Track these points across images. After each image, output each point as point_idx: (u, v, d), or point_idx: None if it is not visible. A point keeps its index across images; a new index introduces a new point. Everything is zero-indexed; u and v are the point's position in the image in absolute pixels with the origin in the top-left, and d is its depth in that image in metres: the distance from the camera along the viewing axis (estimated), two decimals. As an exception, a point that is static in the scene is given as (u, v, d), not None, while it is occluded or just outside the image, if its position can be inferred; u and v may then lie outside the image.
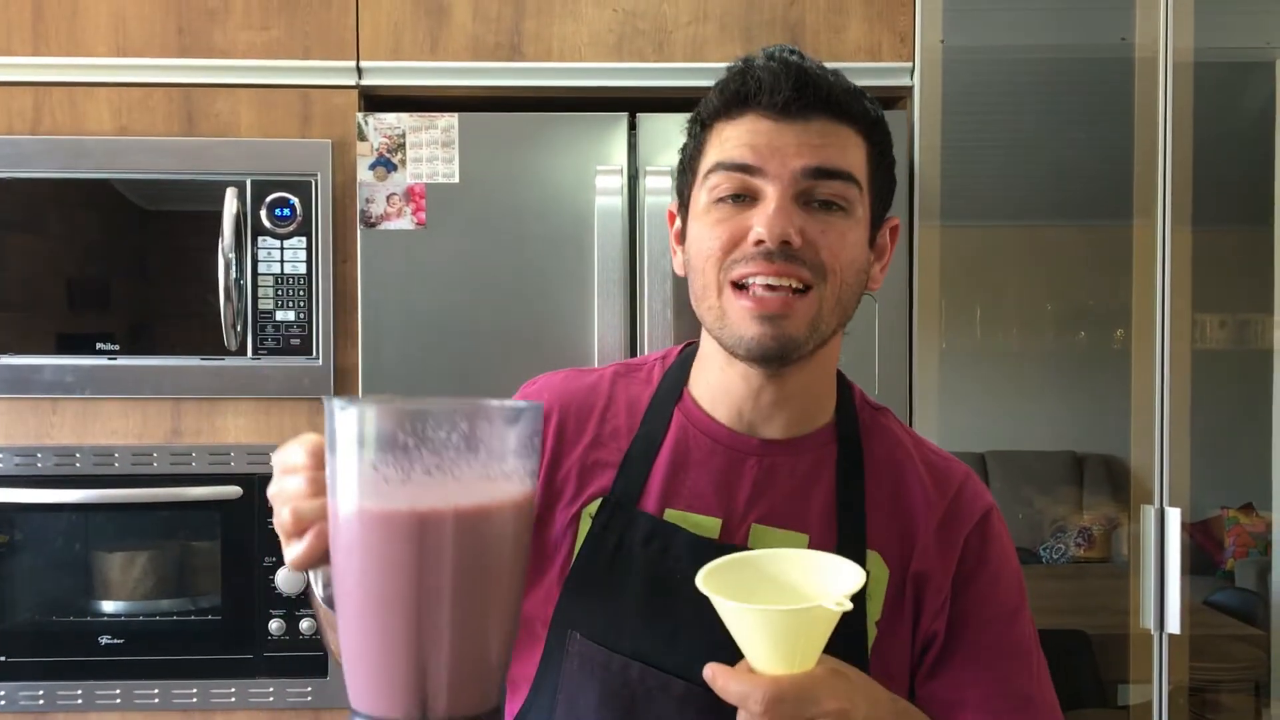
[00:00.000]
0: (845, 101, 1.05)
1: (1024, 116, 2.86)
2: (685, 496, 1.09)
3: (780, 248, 1.00)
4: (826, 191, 1.02)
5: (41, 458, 2.08)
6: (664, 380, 1.17)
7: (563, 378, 1.19)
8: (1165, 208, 2.14)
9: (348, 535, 0.83)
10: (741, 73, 1.05)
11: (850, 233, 1.04)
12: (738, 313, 1.03)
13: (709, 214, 1.05)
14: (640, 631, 1.05)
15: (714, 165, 1.05)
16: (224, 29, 2.10)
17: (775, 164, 1.02)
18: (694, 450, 1.11)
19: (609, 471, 1.11)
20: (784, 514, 1.08)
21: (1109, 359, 3.45)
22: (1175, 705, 2.17)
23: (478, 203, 2.06)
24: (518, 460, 0.84)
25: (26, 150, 2.06)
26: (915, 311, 2.08)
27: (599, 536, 1.08)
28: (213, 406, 2.10)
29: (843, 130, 1.05)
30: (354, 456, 0.81)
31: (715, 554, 1.03)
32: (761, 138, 1.03)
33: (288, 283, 2.07)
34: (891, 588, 1.07)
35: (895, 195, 1.06)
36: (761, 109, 1.03)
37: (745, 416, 1.11)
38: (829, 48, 2.11)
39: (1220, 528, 4.25)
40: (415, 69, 2.11)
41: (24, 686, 2.07)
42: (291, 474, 0.91)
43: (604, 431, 1.14)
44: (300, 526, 0.90)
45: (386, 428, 0.80)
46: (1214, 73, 2.27)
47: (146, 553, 2.13)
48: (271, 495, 0.93)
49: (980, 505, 1.13)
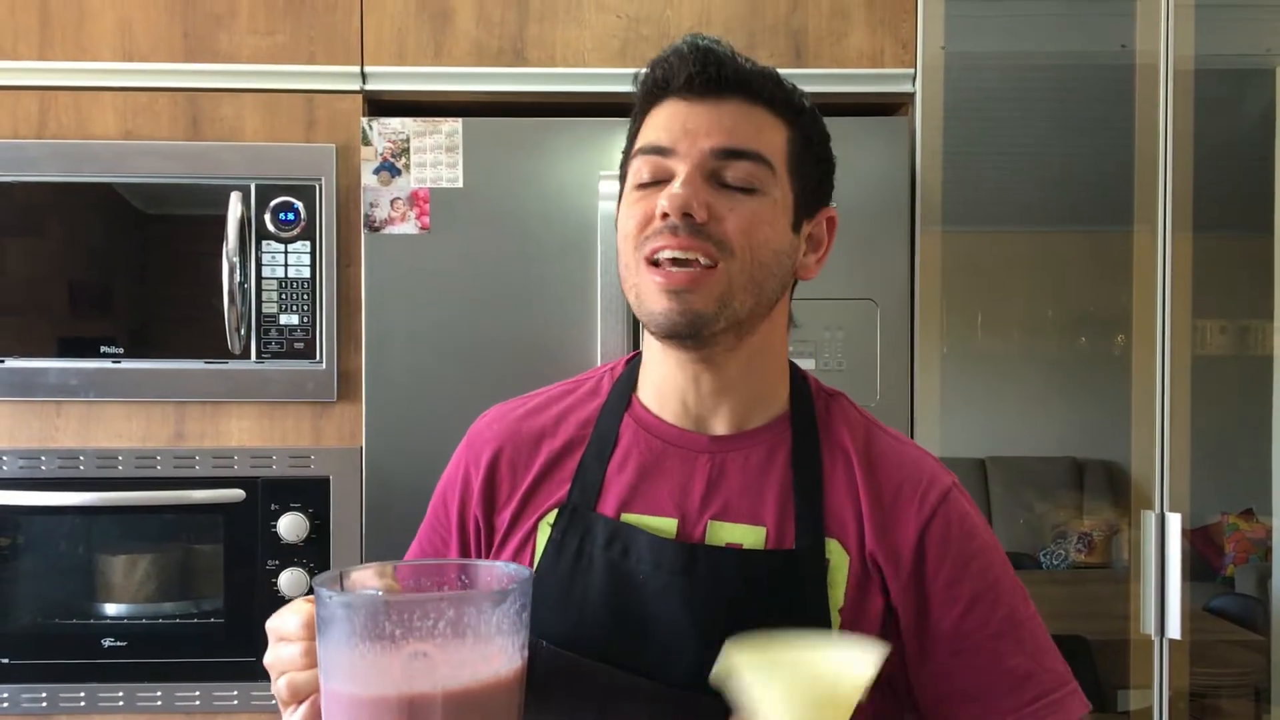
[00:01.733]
0: (759, 84, 1.07)
1: (1025, 123, 2.87)
2: (641, 501, 1.10)
3: (684, 221, 1.02)
4: (737, 172, 1.04)
5: (45, 460, 2.09)
6: (613, 389, 1.18)
7: (510, 408, 1.21)
8: (1166, 214, 2.15)
9: (339, 716, 0.85)
10: (656, 63, 1.09)
11: (764, 212, 1.05)
12: (649, 288, 1.04)
13: (628, 197, 1.08)
14: (606, 634, 1.05)
15: (635, 151, 1.09)
16: (229, 33, 2.11)
17: (685, 144, 1.04)
18: (646, 454, 1.12)
19: (565, 484, 1.13)
20: (739, 509, 1.09)
21: (1109, 364, 3.46)
22: (1176, 710, 2.17)
23: (481, 207, 2.06)
24: (505, 639, 0.87)
25: (32, 154, 2.07)
26: (917, 316, 2.09)
27: (559, 543, 1.09)
28: (216, 410, 2.10)
29: (757, 112, 1.07)
30: (343, 643, 0.84)
31: (676, 553, 1.06)
32: (676, 120, 1.05)
33: (292, 287, 2.08)
34: (853, 574, 1.07)
35: (897, 199, 1.07)
36: (674, 92, 1.06)
37: (691, 410, 1.12)
38: (831, 54, 2.11)
39: (1220, 533, 4.26)
40: (419, 74, 2.12)
41: (27, 689, 2.07)
42: (286, 643, 0.94)
43: (554, 449, 1.15)
44: (296, 698, 0.94)
45: (374, 618, 0.83)
46: (1214, 79, 2.28)
47: (149, 555, 2.13)
48: (268, 664, 0.96)
49: (938, 487, 1.11)
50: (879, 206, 2.06)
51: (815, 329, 2.03)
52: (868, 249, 2.06)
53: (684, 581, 1.04)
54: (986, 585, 1.09)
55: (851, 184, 2.05)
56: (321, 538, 2.07)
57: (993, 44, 2.50)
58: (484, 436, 1.18)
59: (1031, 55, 2.62)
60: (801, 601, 1.05)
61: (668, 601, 1.04)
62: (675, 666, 1.03)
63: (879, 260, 2.07)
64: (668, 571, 1.05)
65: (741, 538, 1.07)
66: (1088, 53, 2.59)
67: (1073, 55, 2.62)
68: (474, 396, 1.26)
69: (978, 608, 1.07)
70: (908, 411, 2.07)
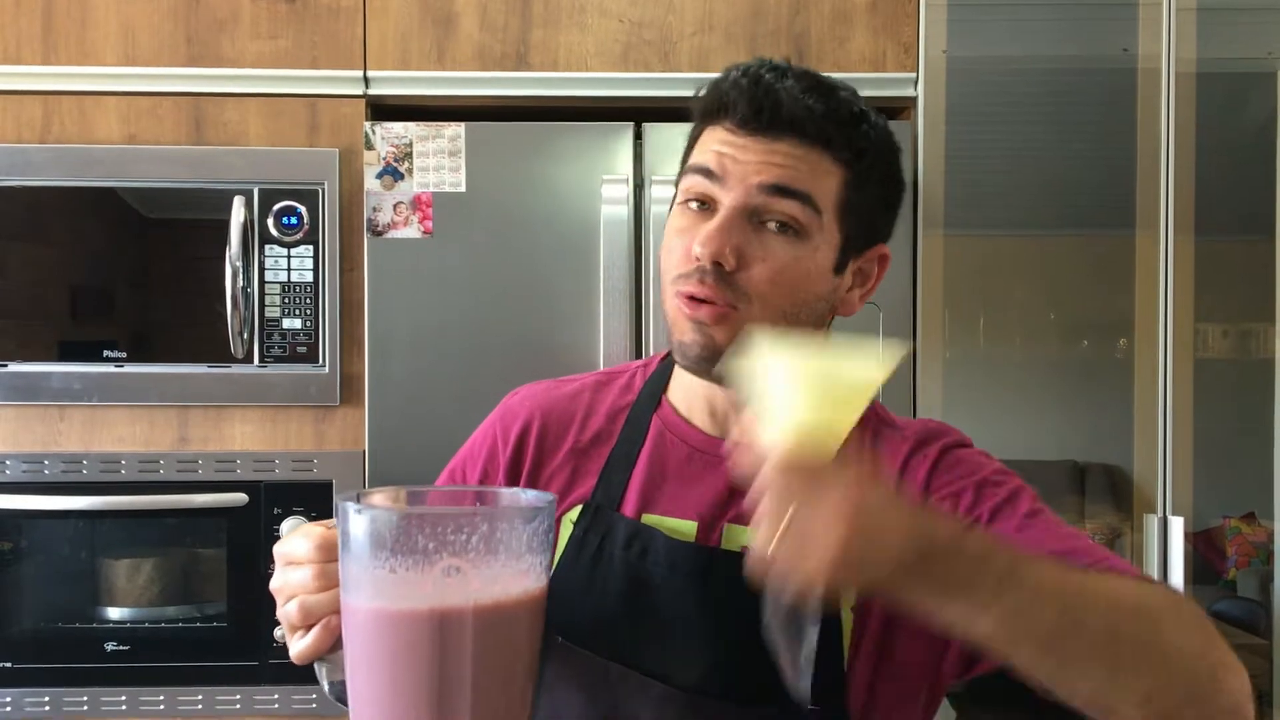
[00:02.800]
0: (814, 125, 1.04)
1: (1027, 127, 2.87)
2: (662, 502, 1.11)
3: (713, 268, 1.01)
4: (780, 210, 1.02)
5: (49, 464, 2.09)
6: (644, 388, 1.19)
7: (544, 387, 1.22)
8: (1168, 218, 2.15)
9: (364, 631, 0.84)
10: (715, 85, 1.07)
11: (797, 260, 1.03)
12: (678, 316, 1.05)
13: (676, 218, 1.08)
14: (620, 633, 1.06)
15: (689, 167, 1.08)
16: (232, 39, 2.11)
17: (734, 177, 1.03)
18: (671, 456, 1.13)
19: (589, 479, 1.13)
20: None
21: (1112, 368, 3.45)
22: (1178, 714, 2.16)
23: (484, 212, 2.06)
24: (534, 556, 0.86)
25: (35, 159, 2.07)
26: (919, 321, 2.09)
27: (580, 540, 1.10)
28: (220, 414, 2.10)
29: (812, 154, 1.04)
30: (370, 558, 0.82)
31: (692, 556, 1.06)
32: (729, 149, 1.04)
33: (294, 291, 2.08)
34: None
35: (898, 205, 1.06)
36: (731, 122, 1.05)
37: (719, 417, 1.12)
38: (833, 58, 2.12)
39: (1222, 537, 4.25)
40: (422, 79, 2.12)
41: (30, 693, 2.07)
42: (296, 567, 0.92)
43: (584, 439, 1.16)
44: (308, 621, 0.91)
45: (407, 532, 0.82)
46: (1216, 83, 2.28)
47: (153, 560, 2.13)
48: (275, 589, 0.94)
49: (938, 442, 1.13)
50: (881, 210, 2.06)
51: (818, 333, 2.03)
52: (870, 253, 2.06)
53: (699, 585, 1.04)
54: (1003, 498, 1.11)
55: (854, 188, 2.06)
56: (324, 542, 2.07)
57: (994, 48, 2.50)
58: (515, 412, 1.19)
59: (1033, 59, 2.62)
60: None
61: (682, 604, 1.04)
62: (687, 669, 1.03)
63: (881, 264, 2.07)
64: (683, 574, 1.05)
65: None
66: (1090, 57, 2.59)
67: (1074, 59, 2.62)
68: (477, 401, 1.26)
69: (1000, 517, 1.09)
70: (910, 415, 2.07)
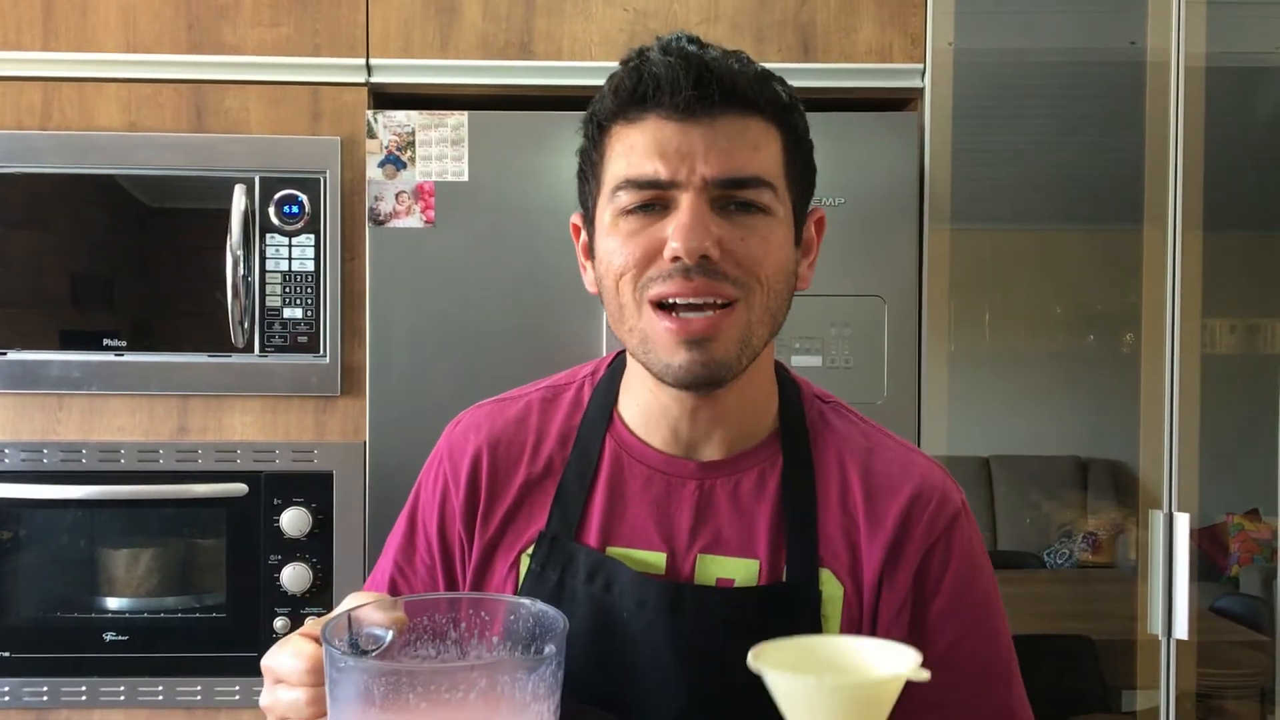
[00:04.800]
0: (752, 91, 0.96)
1: (1034, 120, 2.86)
2: (626, 533, 1.03)
3: (699, 263, 0.93)
4: (741, 198, 0.95)
5: (48, 453, 2.08)
6: (592, 401, 1.10)
7: (487, 411, 1.13)
8: (1176, 212, 2.14)
9: None
10: (637, 69, 0.97)
11: (774, 235, 0.97)
12: (662, 337, 0.96)
13: (618, 227, 0.97)
14: (589, 672, 0.99)
15: (622, 181, 0.96)
16: (234, 25, 2.10)
17: (685, 170, 0.94)
18: (629, 480, 1.05)
19: (544, 511, 1.06)
20: (730, 540, 1.02)
21: (1117, 363, 3.44)
22: (1182, 711, 2.16)
23: (487, 201, 2.05)
24: (541, 704, 0.77)
25: (35, 145, 2.06)
26: (925, 314, 2.07)
27: (539, 575, 1.02)
28: (220, 404, 2.09)
29: (752, 124, 0.96)
30: (358, 712, 0.75)
31: (662, 590, 0.99)
32: (668, 143, 0.94)
33: (295, 280, 2.06)
34: (847, 604, 1.01)
35: (905, 196, 1.04)
36: (663, 110, 0.95)
37: (682, 438, 1.05)
38: (839, 48, 2.10)
39: (1225, 534, 4.25)
40: (425, 67, 2.10)
41: (28, 683, 2.06)
42: (287, 688, 0.85)
43: (536, 468, 1.08)
44: None
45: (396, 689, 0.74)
46: (1225, 77, 2.26)
47: (151, 550, 2.12)
48: (265, 706, 0.88)
49: (949, 509, 1.04)
50: (887, 203, 2.05)
51: (822, 326, 2.02)
52: (876, 246, 2.05)
53: (668, 621, 0.98)
54: (988, 626, 1.04)
55: (860, 180, 2.05)
56: (324, 533, 2.07)
57: (1001, 41, 2.49)
58: (460, 447, 1.11)
59: (1040, 52, 2.61)
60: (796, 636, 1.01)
61: (651, 641, 0.98)
62: (658, 709, 0.98)
63: (887, 257, 2.05)
64: (652, 610, 0.98)
65: (733, 572, 1.01)
66: (1097, 49, 2.58)
67: (1082, 52, 2.61)
68: (478, 391, 1.24)
69: (974, 638, 1.03)
70: (915, 409, 2.06)
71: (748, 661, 0.76)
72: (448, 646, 0.89)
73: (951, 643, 1.02)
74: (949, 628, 1.02)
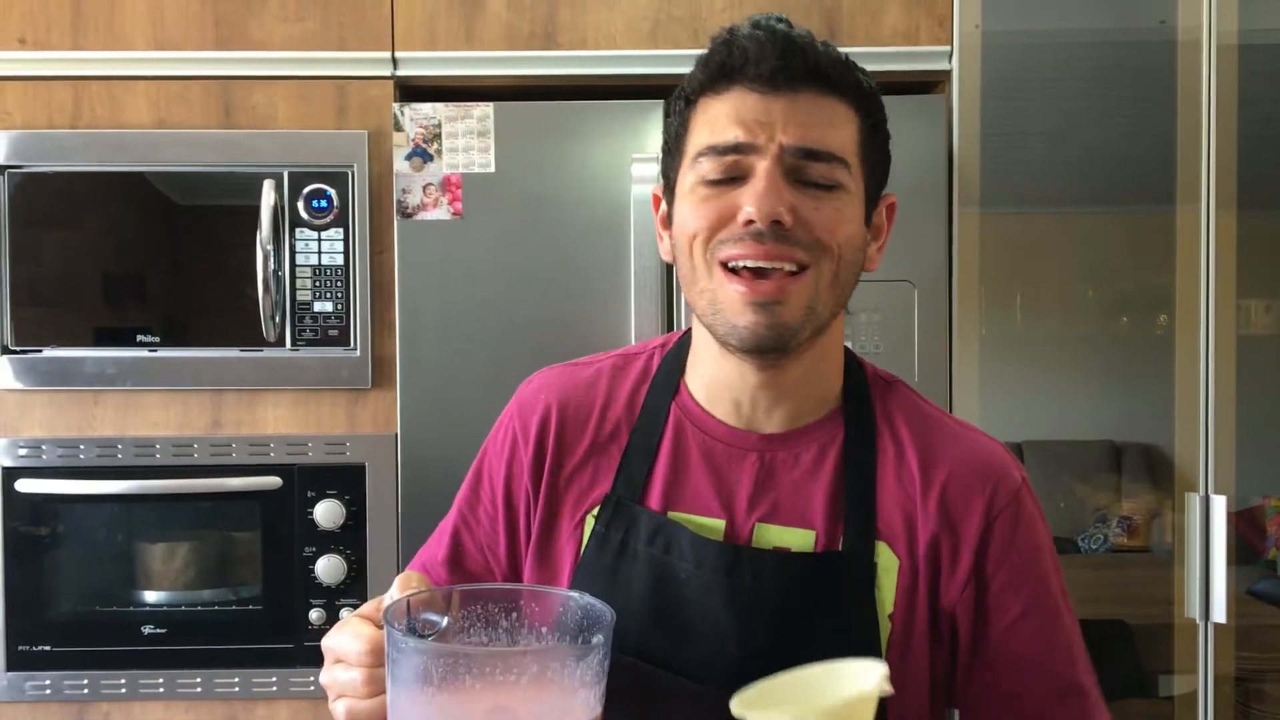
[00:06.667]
0: (835, 72, 1.00)
1: (1064, 101, 2.83)
2: (687, 499, 1.07)
3: (771, 228, 0.96)
4: (816, 173, 0.98)
5: (84, 449, 2.10)
6: (660, 370, 1.14)
7: (559, 372, 1.17)
8: (1209, 192, 2.11)
9: None
10: (726, 43, 1.01)
11: (846, 209, 1.00)
12: (730, 298, 0.99)
13: (694, 194, 1.01)
14: (647, 631, 1.02)
15: (704, 149, 1.00)
16: (260, 21, 2.11)
17: (763, 136, 0.97)
18: (693, 449, 1.08)
19: (609, 475, 1.09)
20: (788, 511, 1.05)
21: (1151, 346, 3.41)
22: (1221, 695, 2.14)
23: (514, 192, 2.05)
24: (586, 691, 0.82)
25: (66, 144, 2.08)
26: (955, 299, 2.06)
27: (603, 536, 1.06)
28: (252, 397, 2.11)
29: (832, 103, 1.00)
30: (417, 690, 0.80)
31: (720, 552, 1.02)
32: (749, 112, 0.98)
33: (325, 274, 2.08)
34: (903, 578, 1.03)
35: (934, 180, 1.05)
36: (748, 81, 0.99)
37: (744, 411, 1.08)
38: (866, 32, 2.09)
39: (1262, 516, 4.20)
40: (450, 59, 2.11)
41: (68, 675, 2.09)
42: (346, 667, 0.91)
43: (604, 431, 1.11)
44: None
45: (453, 670, 0.78)
46: (1258, 55, 2.23)
47: (188, 543, 2.14)
48: (325, 683, 0.93)
49: (1009, 484, 1.06)
50: (916, 187, 2.03)
51: (852, 311, 2.01)
52: (905, 230, 2.01)
53: (726, 583, 1.01)
54: (1052, 601, 1.06)
55: (888, 164, 2.04)
56: (358, 524, 2.08)
57: (1029, 22, 2.46)
58: (530, 405, 1.14)
59: (1068, 33, 2.58)
60: (848, 606, 1.02)
61: (709, 602, 1.01)
62: (716, 667, 1.00)
63: (916, 242, 2.04)
64: (710, 571, 1.01)
65: (790, 541, 1.04)
66: (1126, 29, 2.55)
67: (1111, 32, 2.58)
68: (508, 381, 1.24)
69: (1031, 617, 1.04)
70: (946, 394, 2.05)
71: (732, 710, 0.78)
72: (499, 635, 0.93)
73: (1015, 619, 1.04)
74: (1012, 604, 1.04)
